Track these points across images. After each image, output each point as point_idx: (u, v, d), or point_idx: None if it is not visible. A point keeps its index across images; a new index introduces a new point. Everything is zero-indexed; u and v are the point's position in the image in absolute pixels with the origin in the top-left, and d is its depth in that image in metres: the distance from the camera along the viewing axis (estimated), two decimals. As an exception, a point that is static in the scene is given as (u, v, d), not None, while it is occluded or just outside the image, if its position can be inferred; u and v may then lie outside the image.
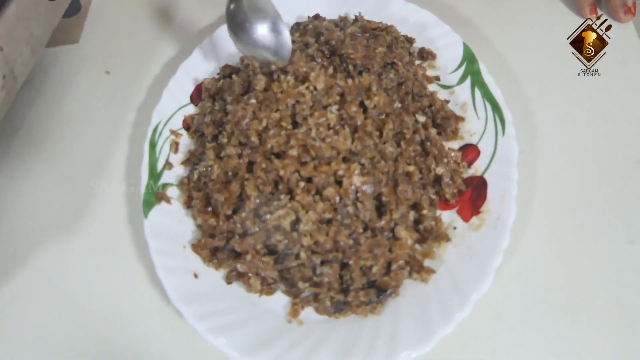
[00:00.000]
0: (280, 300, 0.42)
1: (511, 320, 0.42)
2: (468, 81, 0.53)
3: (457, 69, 0.54)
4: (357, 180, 0.41)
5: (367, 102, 0.45)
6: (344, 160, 0.43)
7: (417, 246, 0.43)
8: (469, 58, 0.54)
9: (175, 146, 0.50)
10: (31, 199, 0.50)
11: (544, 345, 0.41)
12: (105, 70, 0.58)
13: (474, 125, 0.50)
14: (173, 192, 0.47)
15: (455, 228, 0.45)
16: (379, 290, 0.41)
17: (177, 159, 0.49)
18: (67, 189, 0.50)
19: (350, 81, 0.46)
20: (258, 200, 0.42)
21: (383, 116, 0.46)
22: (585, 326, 0.41)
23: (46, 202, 0.50)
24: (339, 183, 0.42)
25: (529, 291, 0.43)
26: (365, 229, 0.42)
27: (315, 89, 0.45)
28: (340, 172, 0.42)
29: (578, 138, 0.51)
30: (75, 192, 0.50)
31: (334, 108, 0.45)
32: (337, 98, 0.45)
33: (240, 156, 0.44)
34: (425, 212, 0.44)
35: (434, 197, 0.46)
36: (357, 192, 0.41)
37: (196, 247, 0.44)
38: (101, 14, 0.63)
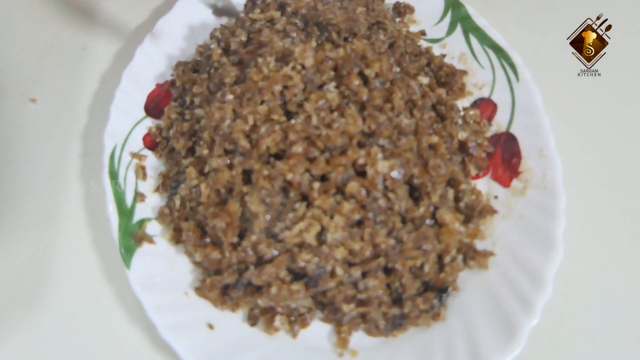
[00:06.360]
0: (320, 330, 0.35)
1: (591, 294, 0.37)
2: (459, 29, 0.47)
3: (442, 19, 0.48)
4: (382, 166, 0.34)
5: (367, 72, 0.37)
6: (359, 145, 0.35)
7: (461, 228, 0.37)
8: (453, 4, 0.48)
9: (142, 171, 0.40)
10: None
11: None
12: (29, 98, 0.47)
13: (481, 77, 0.44)
14: (154, 227, 0.38)
15: (496, 197, 0.39)
16: (437, 292, 0.34)
17: (148, 186, 0.40)
18: (17, 254, 0.40)
19: (341, 51, 0.38)
20: (268, 217, 0.34)
21: (388, 84, 0.38)
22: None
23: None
24: (360, 174, 0.34)
25: (594, 257, 0.38)
26: (403, 222, 0.35)
27: (303, 67, 0.37)
28: (361, 161, 0.34)
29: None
30: (28, 255, 0.40)
31: (332, 86, 0.37)
32: (332, 73, 0.37)
33: (230, 167, 0.36)
34: (463, 186, 0.37)
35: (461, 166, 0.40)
36: (385, 180, 0.34)
37: (201, 290, 0.35)
38: (4, 31, 0.51)
